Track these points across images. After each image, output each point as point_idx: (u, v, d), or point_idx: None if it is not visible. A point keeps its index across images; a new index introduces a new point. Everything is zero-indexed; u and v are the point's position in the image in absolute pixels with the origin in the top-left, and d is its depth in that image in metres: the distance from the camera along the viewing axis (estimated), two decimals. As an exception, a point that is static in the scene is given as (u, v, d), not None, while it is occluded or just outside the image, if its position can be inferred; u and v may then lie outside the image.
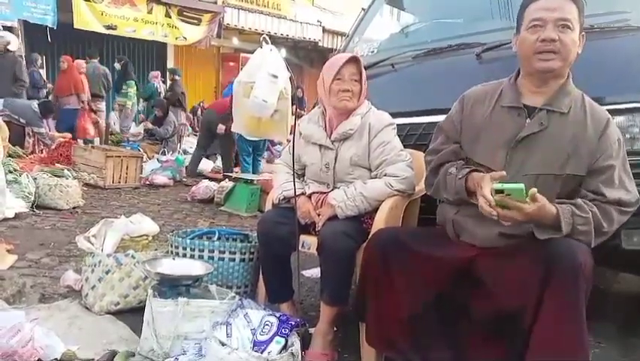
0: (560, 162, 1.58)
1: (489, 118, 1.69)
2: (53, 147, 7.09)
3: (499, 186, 1.46)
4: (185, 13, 10.37)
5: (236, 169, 6.65)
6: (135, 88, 9.48)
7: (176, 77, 9.70)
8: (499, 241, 1.59)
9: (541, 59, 1.57)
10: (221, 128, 6.43)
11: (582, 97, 1.64)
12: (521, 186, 1.44)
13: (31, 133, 7.48)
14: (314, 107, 2.34)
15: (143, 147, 8.02)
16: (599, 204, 1.55)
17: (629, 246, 1.90)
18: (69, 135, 7.48)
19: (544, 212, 1.48)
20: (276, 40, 10.99)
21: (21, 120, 7.15)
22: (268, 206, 2.33)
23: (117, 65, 9.49)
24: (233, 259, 2.32)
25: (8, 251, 3.07)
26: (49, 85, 9.18)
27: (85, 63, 8.56)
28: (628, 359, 2.14)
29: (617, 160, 1.59)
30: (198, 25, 10.61)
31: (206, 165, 7.67)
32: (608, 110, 1.66)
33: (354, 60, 2.12)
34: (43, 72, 9.34)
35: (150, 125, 8.48)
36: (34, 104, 7.57)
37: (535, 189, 1.44)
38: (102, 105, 8.61)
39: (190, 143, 9.29)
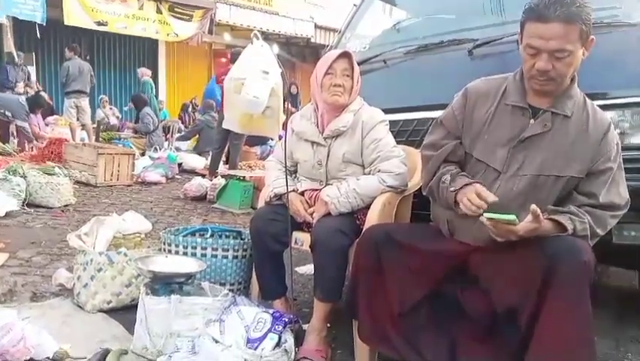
0: (562, 164, 1.59)
1: (492, 115, 1.68)
2: (35, 142, 7.06)
3: (490, 215, 1.47)
4: (176, 9, 10.33)
5: (226, 166, 6.62)
6: None
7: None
8: (494, 239, 1.59)
9: (537, 83, 1.57)
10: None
11: (584, 100, 1.64)
12: (513, 217, 1.45)
13: (15, 133, 7.46)
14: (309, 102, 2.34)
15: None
16: (591, 210, 1.57)
17: (620, 240, 1.91)
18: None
19: (539, 231, 1.48)
20: (268, 37, 10.98)
21: (6, 113, 7.14)
22: (261, 203, 2.32)
23: None
24: (226, 256, 2.32)
25: (-1, 250, 3.05)
26: (36, 83, 9.08)
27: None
28: (619, 352, 2.16)
29: (615, 163, 1.60)
30: (190, 21, 10.58)
31: (198, 163, 7.65)
32: (599, 106, 1.67)
33: (346, 55, 2.12)
34: (32, 69, 9.28)
35: (132, 125, 8.81)
36: (22, 97, 7.55)
37: (534, 206, 1.44)
38: (86, 102, 8.38)
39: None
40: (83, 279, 2.30)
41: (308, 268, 3.01)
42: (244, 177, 5.28)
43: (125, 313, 2.24)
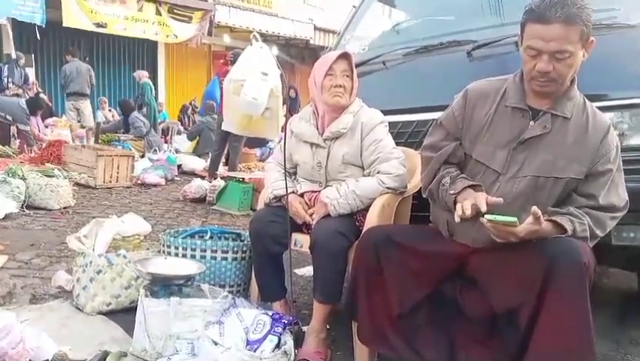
0: (561, 165, 1.59)
1: (492, 116, 1.68)
2: (35, 146, 7.07)
3: (491, 217, 1.47)
4: (175, 10, 10.33)
5: (225, 168, 6.61)
6: None
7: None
8: (493, 241, 1.60)
9: (537, 84, 1.57)
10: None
11: (584, 102, 1.64)
12: (514, 219, 1.45)
13: (16, 134, 7.47)
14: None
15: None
16: (590, 212, 1.57)
17: (619, 241, 1.91)
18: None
19: (539, 233, 1.48)
20: (267, 39, 11.00)
21: (7, 117, 7.14)
22: (260, 205, 2.32)
23: None
24: (226, 258, 2.32)
25: (-2, 252, 3.04)
26: (35, 84, 9.06)
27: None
28: (618, 353, 2.16)
29: (614, 165, 1.60)
30: (189, 22, 10.58)
31: (197, 164, 7.64)
32: (598, 107, 1.67)
33: (345, 56, 2.12)
34: (31, 71, 9.28)
35: (124, 134, 8.72)
36: (22, 100, 7.55)
37: (535, 207, 1.44)
38: (86, 104, 8.36)
39: (182, 141, 9.27)
40: (83, 281, 2.30)
41: (307, 270, 3.01)
42: (243, 178, 5.28)
43: (124, 315, 2.24)
